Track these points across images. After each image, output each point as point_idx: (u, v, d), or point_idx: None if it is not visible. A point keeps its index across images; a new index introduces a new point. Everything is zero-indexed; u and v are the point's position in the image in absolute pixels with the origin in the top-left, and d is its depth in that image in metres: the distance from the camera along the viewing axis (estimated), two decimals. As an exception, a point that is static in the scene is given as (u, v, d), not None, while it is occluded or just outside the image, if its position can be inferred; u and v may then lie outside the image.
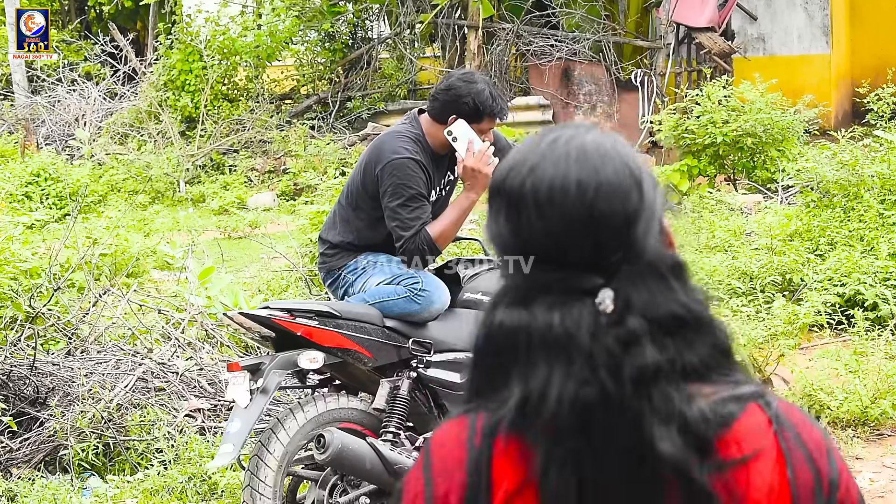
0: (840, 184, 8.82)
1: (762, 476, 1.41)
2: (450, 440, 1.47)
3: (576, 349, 1.37)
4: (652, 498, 1.37)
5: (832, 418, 6.33)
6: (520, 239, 1.41)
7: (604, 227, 1.39)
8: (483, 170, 4.75)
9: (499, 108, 4.86)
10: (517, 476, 1.41)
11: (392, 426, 4.69)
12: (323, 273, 5.08)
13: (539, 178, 1.40)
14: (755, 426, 1.42)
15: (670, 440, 1.36)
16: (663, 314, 1.39)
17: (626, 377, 1.36)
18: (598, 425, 1.36)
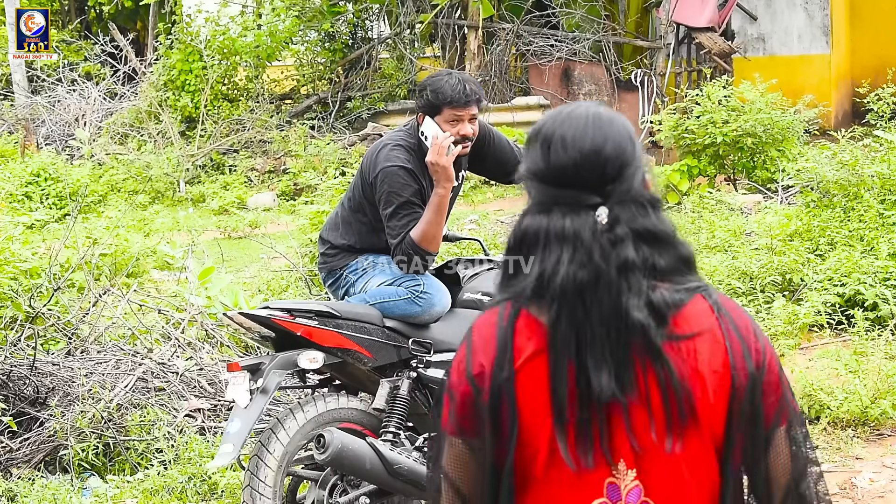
0: (840, 184, 8.82)
1: (707, 348, 2.00)
2: (485, 324, 2.07)
3: (579, 243, 1.97)
4: (625, 352, 1.96)
5: (832, 418, 6.33)
6: (548, 166, 2.02)
7: (607, 163, 2.01)
8: (441, 162, 4.72)
9: (457, 95, 4.76)
10: (532, 346, 2.01)
11: (392, 426, 4.69)
12: (324, 273, 5.08)
13: (566, 128, 2.03)
14: (700, 311, 2.02)
15: (639, 310, 1.96)
16: (640, 228, 1.99)
17: (613, 264, 1.97)
18: (590, 296, 1.96)
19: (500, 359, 2.01)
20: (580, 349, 1.97)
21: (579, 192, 2.01)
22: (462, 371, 2.05)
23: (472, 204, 13.43)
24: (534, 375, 2.00)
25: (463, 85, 4.80)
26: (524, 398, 1.99)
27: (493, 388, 2.00)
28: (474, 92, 4.82)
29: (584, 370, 1.97)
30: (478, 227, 11.30)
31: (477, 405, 2.02)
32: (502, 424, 2.00)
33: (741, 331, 2.03)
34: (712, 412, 2.01)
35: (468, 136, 4.85)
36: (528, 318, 2.02)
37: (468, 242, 8.69)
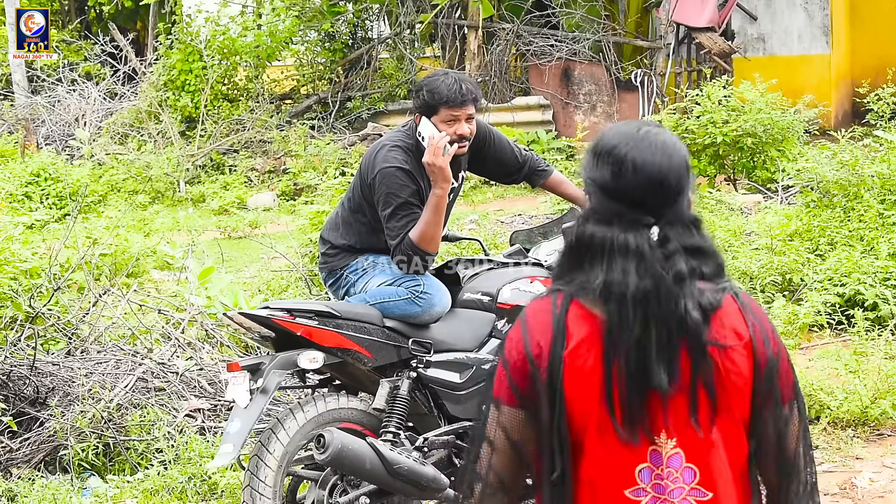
0: (840, 184, 8.82)
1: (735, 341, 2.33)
2: (540, 308, 2.36)
3: (641, 257, 2.28)
4: (676, 348, 2.28)
5: (832, 418, 6.33)
6: (617, 185, 2.31)
7: (669, 191, 2.31)
8: (437, 162, 4.72)
9: (453, 95, 4.76)
10: (583, 331, 2.31)
11: (392, 426, 4.69)
12: (324, 273, 5.08)
13: (637, 153, 2.31)
14: (731, 310, 2.35)
15: (696, 312, 2.29)
16: (688, 244, 2.32)
17: (670, 275, 2.28)
18: (653, 301, 2.27)
19: (556, 342, 2.32)
20: (642, 350, 2.28)
21: (640, 212, 2.31)
22: (521, 350, 2.35)
23: (472, 204, 13.43)
24: (583, 358, 2.31)
25: (459, 84, 4.80)
26: (572, 378, 2.31)
27: (551, 366, 2.31)
28: (470, 91, 4.82)
29: (644, 366, 2.28)
30: (478, 227, 11.30)
31: (535, 380, 2.32)
32: (555, 397, 2.31)
33: (763, 325, 2.37)
34: (738, 392, 2.33)
35: (465, 135, 4.84)
36: (579, 308, 2.34)
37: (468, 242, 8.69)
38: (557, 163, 14.03)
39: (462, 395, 4.86)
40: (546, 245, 5.42)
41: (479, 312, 5.02)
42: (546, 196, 11.74)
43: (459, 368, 4.87)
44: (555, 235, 5.44)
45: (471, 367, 4.88)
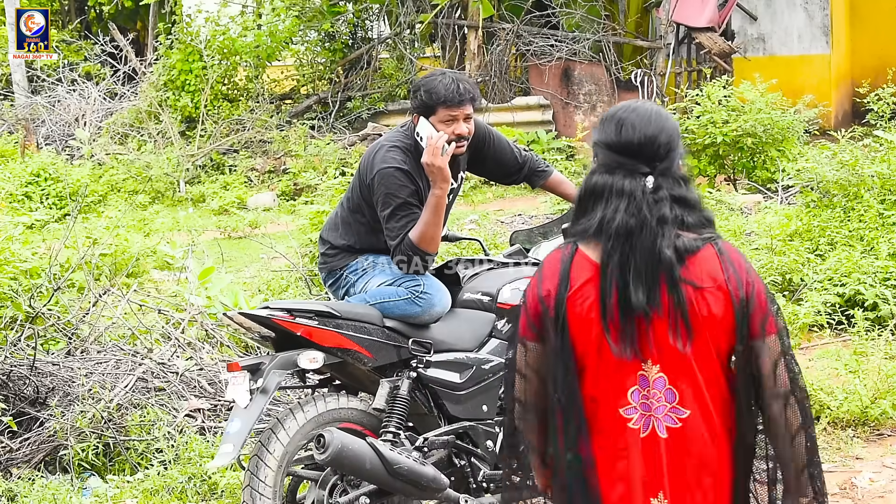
0: (840, 184, 8.82)
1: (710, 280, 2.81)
2: (553, 258, 2.91)
3: (632, 199, 2.79)
4: (654, 279, 2.77)
5: (832, 418, 6.33)
6: (619, 140, 2.85)
7: (660, 147, 2.84)
8: (436, 162, 4.72)
9: (451, 95, 4.76)
10: (584, 275, 2.84)
11: (392, 426, 4.69)
12: (324, 273, 5.08)
13: (636, 116, 2.87)
14: (708, 255, 2.82)
15: (669, 251, 2.78)
16: (675, 194, 2.82)
17: (654, 217, 2.79)
18: (636, 237, 2.78)
19: (561, 285, 2.85)
20: (624, 274, 2.79)
21: (637, 162, 2.84)
22: (535, 294, 2.90)
23: (472, 204, 13.43)
24: (583, 297, 2.83)
25: (456, 84, 4.80)
26: (574, 313, 2.84)
27: (557, 306, 2.84)
28: (468, 91, 4.82)
29: (626, 289, 2.78)
30: (478, 227, 11.30)
31: (544, 317, 2.87)
32: (560, 330, 2.83)
33: (736, 268, 2.83)
34: (713, 326, 2.81)
35: (463, 135, 4.84)
36: (581, 256, 2.86)
37: (468, 242, 8.69)
38: (557, 163, 14.03)
39: (462, 395, 4.86)
40: (546, 245, 5.42)
41: (479, 312, 5.02)
42: (546, 196, 11.74)
43: (459, 368, 4.86)
44: (555, 235, 5.44)
45: (471, 367, 4.88)
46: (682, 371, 2.81)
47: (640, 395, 2.83)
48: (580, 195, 2.89)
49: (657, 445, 2.83)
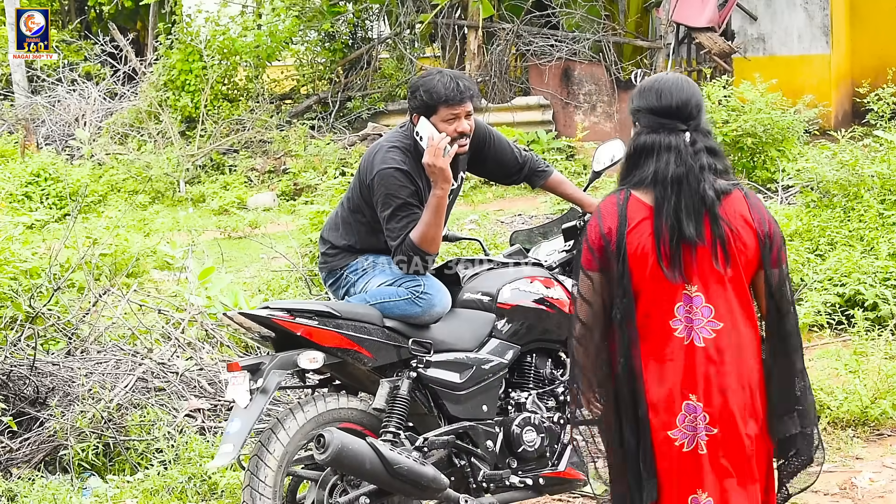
0: (840, 184, 8.82)
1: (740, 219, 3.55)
2: (609, 202, 3.59)
3: (678, 152, 3.52)
4: (700, 215, 3.50)
5: (832, 418, 6.33)
6: (660, 104, 3.56)
7: (692, 107, 3.57)
8: (438, 163, 4.71)
9: (452, 93, 4.76)
10: (639, 215, 3.54)
11: (392, 426, 4.69)
12: (324, 273, 5.08)
13: (671, 84, 3.59)
14: (737, 197, 3.57)
15: (710, 192, 3.50)
16: (708, 146, 3.56)
17: (696, 165, 3.51)
18: (685, 182, 3.50)
19: (621, 222, 3.53)
20: (677, 213, 3.50)
21: (676, 121, 3.55)
22: (597, 231, 3.56)
23: (472, 204, 13.43)
24: (640, 232, 3.53)
25: (456, 82, 4.80)
26: (633, 247, 3.53)
27: (618, 241, 3.53)
28: (468, 88, 4.82)
29: (679, 225, 3.50)
30: (478, 227, 11.30)
31: (607, 251, 3.54)
32: (621, 261, 3.52)
33: (759, 210, 3.59)
34: (743, 255, 3.54)
35: (466, 132, 4.84)
36: (635, 199, 3.56)
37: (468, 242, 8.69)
38: (557, 163, 14.03)
39: (462, 395, 4.86)
40: (546, 245, 5.42)
41: (479, 312, 5.02)
42: (546, 196, 11.74)
43: (459, 368, 4.86)
44: (555, 235, 5.44)
45: (471, 367, 4.88)
46: (718, 291, 3.52)
47: (684, 310, 3.52)
48: (630, 153, 3.58)
49: (695, 352, 3.51)
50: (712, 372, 3.50)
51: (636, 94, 3.60)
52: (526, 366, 5.08)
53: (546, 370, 5.11)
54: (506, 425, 4.95)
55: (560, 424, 5.07)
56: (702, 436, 3.51)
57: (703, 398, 3.50)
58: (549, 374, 5.12)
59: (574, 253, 5.01)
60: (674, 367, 3.50)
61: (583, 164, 14.19)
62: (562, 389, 5.10)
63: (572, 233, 5.28)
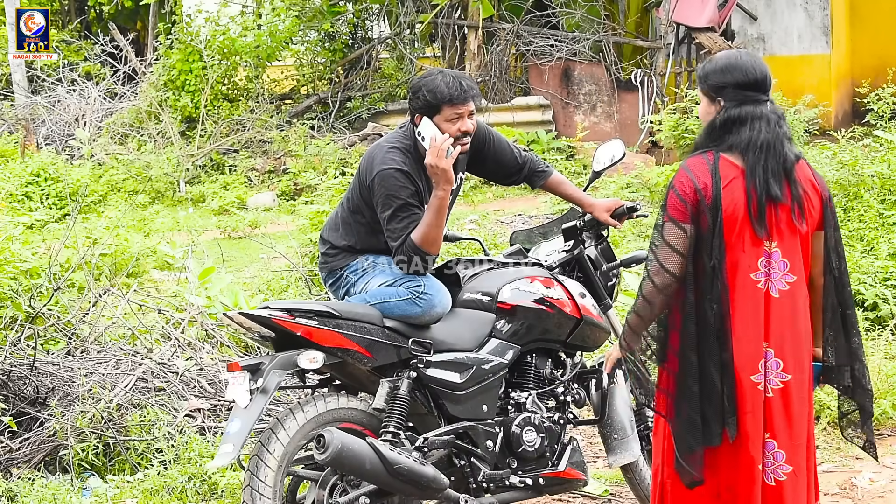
0: (840, 184, 8.82)
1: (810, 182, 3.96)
2: (698, 161, 3.90)
3: (766, 120, 3.89)
4: (783, 177, 3.88)
5: (832, 418, 6.33)
6: (747, 79, 3.91)
7: (770, 81, 3.96)
8: (440, 164, 4.70)
9: (455, 93, 4.76)
10: (731, 174, 3.87)
11: (392, 426, 4.69)
12: (324, 273, 5.08)
13: (751, 61, 3.97)
14: (804, 165, 3.97)
15: (791, 157, 3.91)
16: (780, 114, 3.96)
17: (781, 131, 3.91)
18: (773, 147, 3.88)
19: (715, 180, 3.84)
20: (766, 174, 3.84)
21: (760, 94, 3.93)
22: (692, 186, 3.84)
23: (472, 204, 13.43)
24: (732, 190, 3.85)
25: (458, 82, 4.80)
26: (727, 202, 3.83)
27: (713, 195, 3.83)
28: (471, 87, 4.83)
29: (768, 185, 3.84)
30: (478, 227, 11.30)
31: (701, 204, 3.83)
32: (717, 214, 3.82)
33: (819, 176, 4.01)
34: (811, 215, 3.92)
35: (469, 131, 4.85)
36: (725, 161, 3.89)
37: (468, 242, 8.69)
38: (557, 163, 14.03)
39: (462, 395, 4.86)
40: (546, 245, 5.43)
41: (479, 312, 5.01)
42: (546, 196, 11.75)
43: (459, 368, 4.86)
44: (555, 235, 5.44)
45: (471, 367, 4.88)
46: (792, 247, 3.88)
47: (764, 263, 3.86)
48: (720, 123, 3.89)
49: (771, 302, 3.85)
50: (786, 321, 3.85)
51: (716, 71, 3.93)
52: (526, 366, 5.08)
53: (546, 370, 5.11)
54: (506, 425, 4.95)
55: (560, 424, 5.07)
56: (774, 381, 3.85)
57: (776, 346, 3.84)
58: (549, 374, 5.12)
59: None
60: (755, 316, 3.84)
61: (583, 164, 14.19)
62: (561, 389, 5.10)
63: (572, 233, 5.28)
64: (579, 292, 5.14)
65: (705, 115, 4.00)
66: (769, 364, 3.84)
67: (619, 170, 12.01)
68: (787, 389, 3.84)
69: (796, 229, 3.87)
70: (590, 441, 6.45)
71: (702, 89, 4.00)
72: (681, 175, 3.87)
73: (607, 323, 5.26)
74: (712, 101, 3.96)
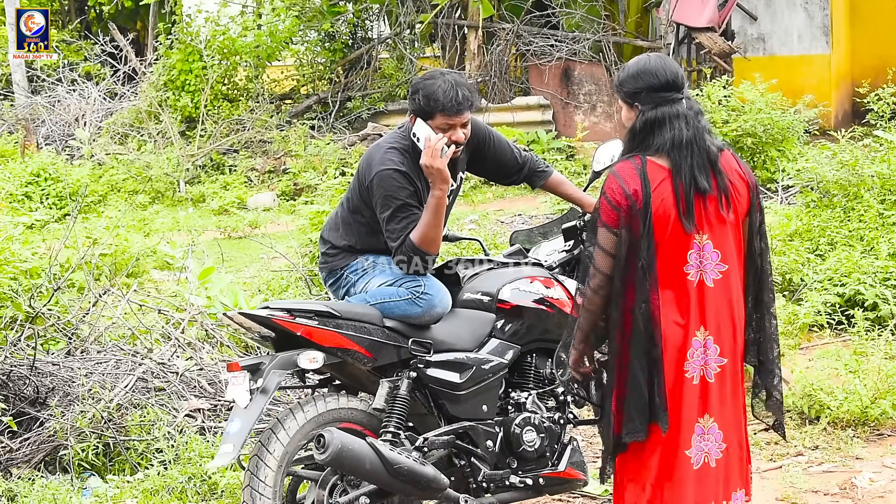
0: (840, 184, 8.82)
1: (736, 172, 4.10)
2: (627, 167, 4.01)
3: (685, 118, 4.01)
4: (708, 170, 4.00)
5: (832, 418, 6.33)
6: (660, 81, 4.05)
7: (682, 79, 4.08)
8: (435, 164, 4.71)
9: (450, 103, 4.75)
10: (659, 176, 3.98)
11: (392, 426, 4.69)
12: (324, 273, 5.08)
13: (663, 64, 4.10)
14: (729, 155, 4.12)
15: (714, 149, 4.04)
16: (697, 109, 4.08)
17: (700, 127, 4.03)
18: (695, 144, 4.00)
19: (644, 184, 3.96)
20: (692, 170, 3.97)
21: (674, 93, 4.03)
22: (621, 193, 3.96)
23: (472, 204, 13.43)
24: (661, 191, 3.96)
25: (456, 91, 4.78)
26: (656, 205, 3.95)
27: (644, 200, 3.95)
28: (467, 98, 4.81)
29: (696, 180, 3.97)
30: (478, 227, 11.30)
31: (632, 209, 3.95)
32: (647, 218, 3.94)
33: (744, 164, 4.14)
34: (739, 203, 4.06)
35: (460, 141, 4.85)
36: (652, 164, 4.00)
37: (468, 242, 8.69)
38: (557, 163, 14.03)
39: (462, 395, 4.86)
40: (546, 245, 5.42)
41: (479, 312, 5.02)
42: (546, 196, 11.75)
43: (459, 368, 4.86)
44: (555, 235, 5.44)
45: (471, 367, 4.88)
46: (723, 237, 4.02)
47: (695, 256, 4.00)
48: (639, 127, 4.03)
49: (705, 292, 4.00)
50: (722, 308, 4.02)
51: (628, 78, 4.09)
52: (526, 366, 5.08)
53: (546, 370, 5.11)
54: (506, 425, 4.95)
55: (560, 424, 5.07)
56: (713, 367, 4.02)
57: (714, 332, 4.01)
58: (549, 374, 5.12)
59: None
60: (687, 308, 3.99)
61: (583, 164, 14.19)
62: (561, 389, 5.10)
63: (572, 233, 5.28)
64: (579, 292, 5.14)
65: (626, 122, 4.16)
66: (709, 351, 4.01)
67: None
68: (723, 373, 4.04)
69: (725, 219, 4.02)
70: (590, 441, 6.45)
71: (619, 97, 4.17)
72: (611, 182, 4.00)
73: (607, 323, 5.25)
74: (630, 107, 4.12)
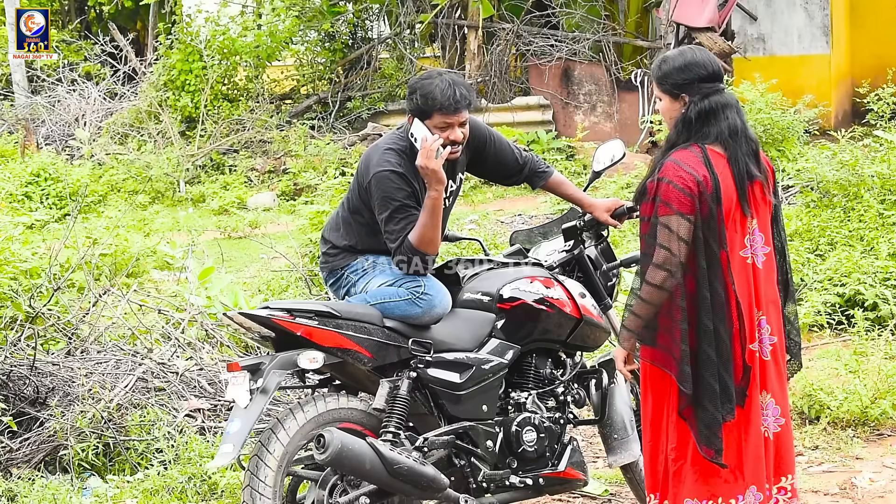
0: (840, 184, 8.82)
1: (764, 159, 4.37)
2: (687, 155, 4.21)
3: (735, 108, 4.28)
4: (756, 157, 4.30)
5: (832, 418, 6.33)
6: (708, 73, 4.25)
7: (721, 68, 4.31)
8: (430, 165, 4.70)
9: (447, 102, 4.75)
10: (720, 163, 4.22)
11: (392, 426, 4.69)
12: (325, 273, 5.08)
13: (702, 54, 4.31)
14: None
15: (754, 136, 4.35)
16: (737, 98, 4.41)
17: (745, 117, 4.32)
18: (743, 133, 4.27)
19: (711, 171, 4.16)
20: (746, 157, 4.22)
21: (719, 83, 4.25)
22: (692, 179, 4.14)
23: (472, 204, 13.43)
24: (724, 177, 4.19)
25: (453, 90, 4.78)
26: (724, 188, 4.16)
27: (713, 186, 4.15)
28: (465, 97, 4.81)
29: (748, 166, 4.22)
30: (478, 227, 11.31)
31: (703, 195, 4.14)
32: (718, 202, 4.15)
33: (765, 155, 4.37)
34: (771, 189, 4.32)
35: (457, 141, 4.85)
36: (712, 151, 4.21)
37: (468, 242, 8.69)
38: (557, 163, 14.03)
39: (462, 395, 4.86)
40: (546, 245, 5.42)
41: (479, 312, 5.01)
42: (546, 196, 11.75)
43: (459, 368, 4.86)
44: (555, 235, 5.44)
45: (471, 367, 4.88)
46: (765, 221, 4.28)
47: (749, 239, 4.25)
48: (692, 118, 4.20)
49: (758, 274, 4.25)
50: (769, 289, 4.27)
51: (674, 70, 4.23)
52: (526, 366, 5.08)
53: (546, 370, 5.12)
54: (506, 425, 4.95)
55: (560, 424, 5.07)
56: (767, 345, 4.26)
57: (766, 312, 4.25)
58: (549, 374, 5.12)
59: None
60: (748, 289, 4.21)
61: (583, 164, 14.18)
62: (561, 389, 5.10)
63: (572, 233, 5.28)
64: (579, 292, 5.14)
65: (670, 113, 4.28)
66: (762, 330, 4.25)
67: (619, 170, 12.00)
68: (775, 350, 4.28)
69: (768, 202, 4.29)
70: (590, 441, 6.45)
71: (663, 89, 4.26)
72: (676, 169, 4.15)
73: (607, 323, 5.26)
74: (675, 99, 4.25)
